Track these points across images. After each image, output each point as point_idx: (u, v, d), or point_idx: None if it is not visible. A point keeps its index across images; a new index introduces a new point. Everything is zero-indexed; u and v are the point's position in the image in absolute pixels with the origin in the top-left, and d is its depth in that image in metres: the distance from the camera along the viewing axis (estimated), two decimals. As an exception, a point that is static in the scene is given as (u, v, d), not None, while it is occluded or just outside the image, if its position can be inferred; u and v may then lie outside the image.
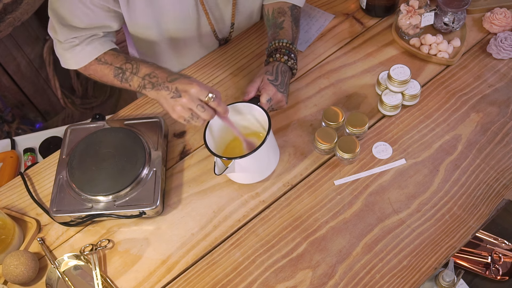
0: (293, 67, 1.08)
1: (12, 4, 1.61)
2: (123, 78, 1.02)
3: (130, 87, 1.02)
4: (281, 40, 1.09)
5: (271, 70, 1.04)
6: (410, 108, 1.14)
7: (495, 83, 1.16)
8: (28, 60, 1.96)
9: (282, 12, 1.15)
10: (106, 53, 1.06)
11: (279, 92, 1.03)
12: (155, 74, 0.97)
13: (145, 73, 0.98)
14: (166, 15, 1.10)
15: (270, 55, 1.09)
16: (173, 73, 0.96)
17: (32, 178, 1.11)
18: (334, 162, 1.07)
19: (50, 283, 0.96)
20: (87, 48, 1.05)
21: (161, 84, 0.95)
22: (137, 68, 1.00)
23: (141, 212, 0.98)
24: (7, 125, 1.93)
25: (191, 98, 0.92)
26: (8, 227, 0.98)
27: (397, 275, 0.92)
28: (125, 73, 1.01)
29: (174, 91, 0.93)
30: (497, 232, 1.74)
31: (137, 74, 0.99)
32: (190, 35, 1.19)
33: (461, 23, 1.23)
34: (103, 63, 1.05)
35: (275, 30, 1.12)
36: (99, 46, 1.06)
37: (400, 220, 0.98)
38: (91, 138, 1.07)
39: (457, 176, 1.03)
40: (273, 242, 0.98)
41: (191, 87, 0.91)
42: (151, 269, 0.97)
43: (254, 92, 1.02)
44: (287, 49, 1.08)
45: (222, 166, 0.96)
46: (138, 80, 0.99)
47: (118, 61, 1.03)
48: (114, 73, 1.03)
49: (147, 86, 0.98)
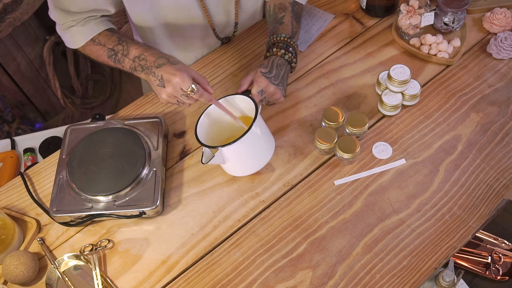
0: (291, 61, 1.08)
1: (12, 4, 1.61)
2: (115, 59, 1.03)
3: (124, 68, 1.03)
4: (280, 34, 1.09)
5: (265, 64, 1.04)
6: (410, 108, 1.14)
7: (495, 83, 1.16)
8: (28, 60, 1.96)
9: (283, 8, 1.15)
10: (100, 33, 1.06)
11: (272, 84, 1.02)
12: (144, 57, 0.98)
13: (134, 55, 0.99)
14: (164, 8, 1.10)
15: (268, 50, 1.09)
16: (161, 56, 0.97)
17: (32, 178, 1.11)
18: (334, 162, 1.07)
19: (50, 283, 0.96)
20: (82, 29, 1.06)
21: (149, 68, 0.97)
22: (128, 49, 1.01)
23: (141, 212, 0.98)
24: (7, 125, 1.94)
25: (174, 89, 0.94)
26: (8, 227, 0.98)
27: (397, 275, 0.92)
28: (117, 54, 1.02)
29: (160, 79, 0.95)
30: (497, 232, 1.74)
31: (127, 56, 1.01)
32: (190, 32, 1.19)
33: (461, 23, 1.23)
34: (97, 44, 1.06)
35: (275, 25, 1.13)
36: (94, 26, 1.06)
37: (400, 220, 0.98)
38: (91, 138, 1.07)
39: (457, 176, 1.03)
40: (273, 242, 0.98)
41: (174, 77, 0.93)
42: (151, 269, 0.97)
43: (247, 85, 1.03)
44: (285, 43, 1.08)
45: (209, 155, 0.96)
46: (129, 62, 1.01)
47: (110, 42, 1.04)
48: (107, 54, 1.04)
49: (138, 69, 1.00)
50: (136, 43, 1.01)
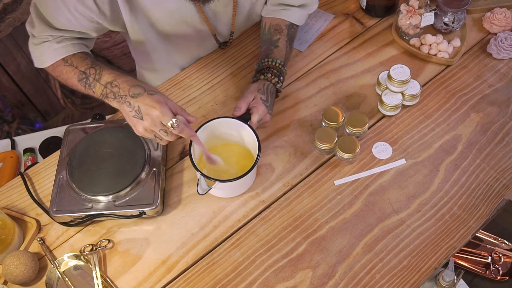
0: (279, 90, 1.08)
1: (12, 4, 1.61)
2: (86, 83, 0.97)
3: (94, 94, 0.96)
4: (275, 59, 1.08)
5: (262, 89, 1.03)
6: (410, 108, 1.14)
7: (495, 83, 1.16)
8: (28, 60, 1.96)
9: (278, 30, 1.14)
10: (74, 55, 1.01)
11: (268, 114, 1.02)
12: (116, 83, 0.91)
13: (106, 81, 0.93)
14: (163, 20, 1.08)
15: (261, 72, 1.07)
16: (136, 85, 0.90)
17: (32, 178, 1.11)
18: (334, 162, 1.07)
19: (50, 283, 0.96)
20: (56, 46, 1.00)
21: (123, 97, 0.90)
22: (100, 74, 0.94)
23: (141, 212, 0.98)
24: (7, 125, 1.94)
25: (153, 123, 0.87)
26: (8, 227, 0.98)
27: (397, 275, 0.92)
28: (88, 78, 0.96)
29: (137, 110, 0.88)
30: (497, 232, 1.74)
31: (99, 80, 0.94)
32: (191, 41, 1.19)
33: (461, 23, 1.23)
34: (69, 65, 1.00)
35: (269, 47, 1.12)
36: (70, 46, 1.02)
37: (400, 220, 0.98)
38: (91, 138, 1.07)
39: (457, 176, 1.03)
40: (273, 242, 0.98)
41: (153, 110, 0.86)
42: (151, 269, 0.97)
43: (245, 108, 1.00)
44: (279, 70, 1.07)
45: (205, 186, 0.94)
46: (101, 88, 0.94)
47: (83, 65, 0.98)
48: (78, 77, 0.98)
49: (109, 96, 0.92)
50: (109, 68, 0.95)
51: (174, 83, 1.23)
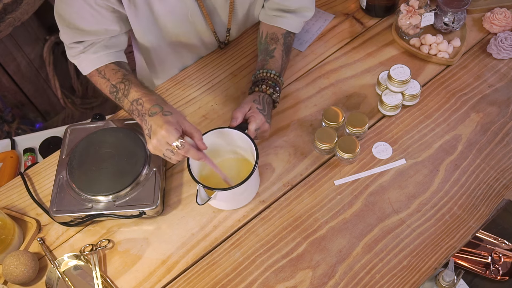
0: (276, 100, 1.07)
1: (12, 4, 1.61)
2: (116, 97, 1.01)
3: (123, 108, 1.01)
4: (270, 70, 1.08)
5: (258, 99, 1.03)
6: (410, 108, 1.14)
7: (495, 83, 1.16)
8: (28, 60, 1.96)
9: (275, 39, 1.13)
10: (107, 66, 1.04)
11: (267, 122, 1.02)
12: (141, 102, 0.94)
13: (133, 98, 0.96)
14: (165, 18, 1.09)
15: (256, 84, 1.07)
16: (156, 104, 0.92)
17: (32, 178, 1.11)
18: (334, 162, 1.07)
19: (50, 283, 0.96)
20: (91, 57, 1.04)
21: (143, 115, 0.93)
22: (128, 90, 0.98)
23: (141, 212, 0.98)
24: (7, 125, 1.94)
25: (159, 142, 0.89)
26: (8, 227, 0.98)
27: (397, 275, 0.92)
28: (118, 93, 1.00)
29: (149, 128, 0.91)
30: (497, 232, 1.74)
31: (127, 96, 0.98)
32: (191, 39, 1.19)
33: (461, 23, 1.23)
34: (102, 77, 1.04)
35: (265, 57, 1.11)
36: (103, 56, 1.04)
37: (400, 220, 0.98)
38: (91, 138, 1.07)
39: (457, 176, 1.03)
40: (273, 242, 0.98)
41: (161, 130, 0.88)
42: (151, 269, 0.97)
43: (241, 118, 1.00)
44: (274, 81, 1.07)
45: (205, 196, 0.93)
46: (128, 104, 0.98)
47: (115, 78, 1.01)
48: (109, 90, 1.02)
49: (134, 113, 0.96)
50: (138, 85, 0.98)
51: (174, 83, 1.23)
